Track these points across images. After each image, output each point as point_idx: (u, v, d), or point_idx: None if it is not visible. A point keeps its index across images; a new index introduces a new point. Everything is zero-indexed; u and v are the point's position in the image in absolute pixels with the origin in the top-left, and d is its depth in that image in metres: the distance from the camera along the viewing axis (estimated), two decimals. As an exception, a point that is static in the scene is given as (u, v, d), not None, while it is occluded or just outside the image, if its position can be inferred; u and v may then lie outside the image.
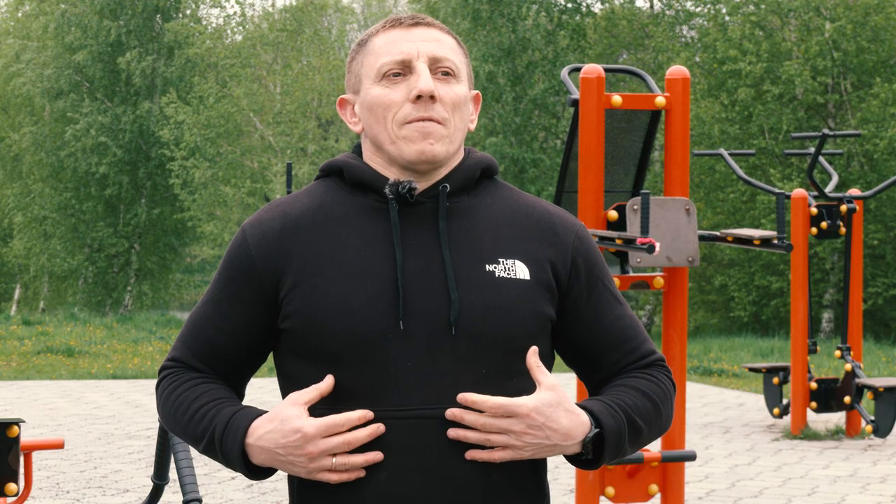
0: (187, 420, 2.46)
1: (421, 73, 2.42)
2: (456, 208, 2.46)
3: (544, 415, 2.35)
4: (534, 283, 2.44)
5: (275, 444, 2.36)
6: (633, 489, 6.34)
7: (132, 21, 35.34)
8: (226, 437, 2.41)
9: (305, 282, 2.41)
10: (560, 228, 2.51)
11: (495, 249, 2.44)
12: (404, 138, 2.42)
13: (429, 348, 2.37)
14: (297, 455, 2.35)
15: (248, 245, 2.46)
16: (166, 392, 2.51)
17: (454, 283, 2.39)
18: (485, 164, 2.52)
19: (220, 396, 2.47)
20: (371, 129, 2.47)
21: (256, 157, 32.80)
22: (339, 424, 2.34)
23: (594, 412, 2.41)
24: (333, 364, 2.39)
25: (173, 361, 2.53)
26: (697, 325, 29.64)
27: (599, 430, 2.40)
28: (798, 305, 10.99)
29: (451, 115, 2.44)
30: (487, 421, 2.34)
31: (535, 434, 2.35)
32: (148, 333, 20.78)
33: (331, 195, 2.49)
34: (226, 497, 8.57)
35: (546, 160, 29.55)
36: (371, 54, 2.47)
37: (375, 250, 2.41)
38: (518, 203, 2.52)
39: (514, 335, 2.41)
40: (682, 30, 32.22)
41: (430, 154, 2.42)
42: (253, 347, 2.49)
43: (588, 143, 6.34)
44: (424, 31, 2.47)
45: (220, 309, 2.48)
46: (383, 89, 2.44)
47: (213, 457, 2.47)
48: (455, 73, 2.46)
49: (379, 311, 2.38)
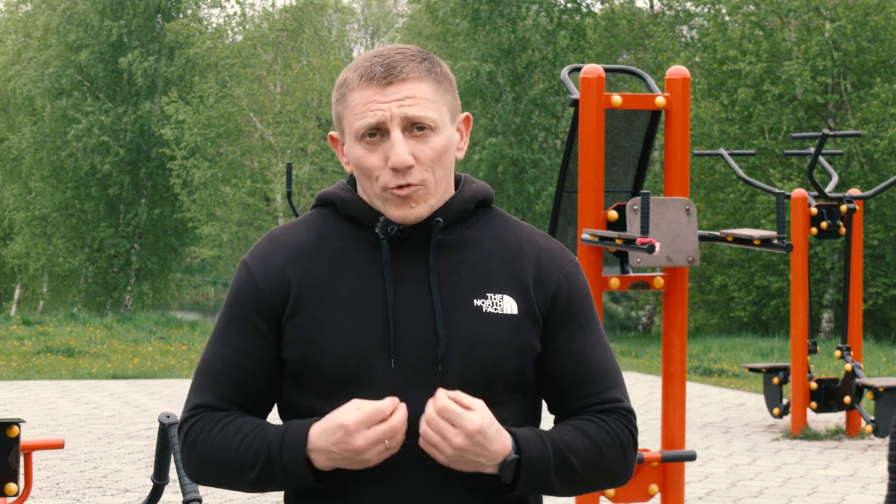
0: (233, 451, 2.44)
1: (395, 143, 2.43)
2: (448, 241, 2.49)
3: (485, 435, 2.36)
4: (521, 317, 2.47)
5: (328, 443, 2.38)
6: (633, 489, 6.34)
7: (133, 21, 35.37)
8: (285, 452, 2.40)
9: (305, 312, 2.45)
10: (546, 263, 2.52)
11: (484, 284, 2.47)
12: (387, 201, 2.45)
13: (417, 382, 2.42)
14: (348, 449, 2.37)
15: (255, 279, 2.49)
16: (199, 437, 2.47)
17: (441, 320, 2.43)
18: (479, 197, 2.54)
19: (261, 423, 2.47)
20: (359, 180, 2.50)
21: (256, 157, 32.80)
22: (381, 411, 2.36)
23: (518, 438, 2.42)
24: (328, 393, 2.44)
25: (196, 409, 2.50)
26: (697, 325, 29.64)
27: (517, 457, 2.40)
28: (798, 305, 10.99)
29: (430, 173, 2.45)
30: (434, 417, 2.36)
31: (469, 451, 2.37)
32: (148, 333, 20.77)
33: (328, 225, 2.52)
34: (226, 497, 8.57)
35: (546, 160, 29.54)
36: (349, 110, 2.48)
37: (370, 283, 2.45)
38: (511, 235, 2.53)
39: (500, 369, 2.44)
40: (682, 30, 32.23)
41: (413, 217, 2.45)
42: (273, 379, 2.51)
43: (588, 143, 6.34)
44: (398, 87, 2.45)
45: (238, 347, 2.49)
46: (363, 151, 2.46)
47: (266, 482, 2.44)
48: (433, 127, 2.46)
49: (370, 346, 2.42)
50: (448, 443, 2.36)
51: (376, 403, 2.36)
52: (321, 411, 2.43)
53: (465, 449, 2.36)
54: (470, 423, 2.35)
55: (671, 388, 6.46)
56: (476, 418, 2.35)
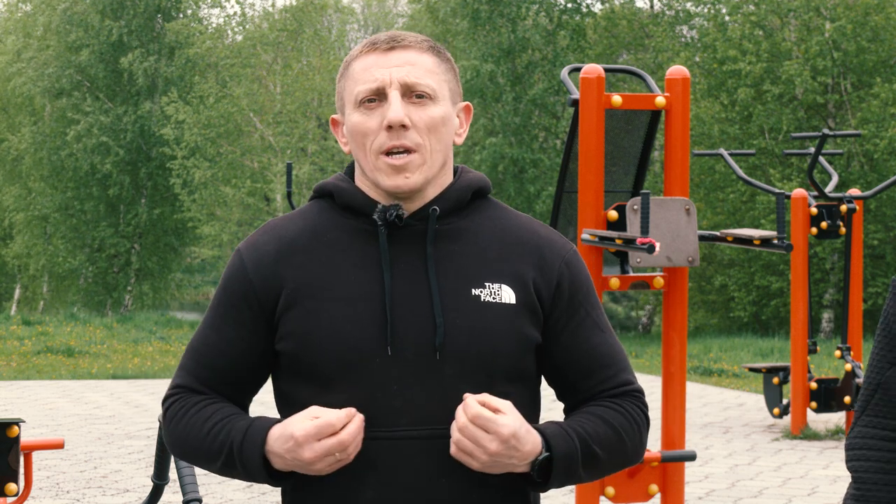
0: (201, 439, 2.48)
1: (392, 101, 2.44)
2: (445, 230, 2.49)
3: (518, 438, 2.37)
4: (519, 306, 2.46)
5: (281, 449, 2.41)
6: (633, 489, 6.34)
7: (133, 21, 35.37)
8: (244, 448, 2.43)
9: (300, 304, 2.45)
10: (547, 252, 2.52)
11: (482, 273, 2.47)
12: (380, 170, 2.45)
13: (415, 371, 2.42)
14: (297, 459, 2.39)
15: (246, 268, 2.50)
16: (175, 418, 2.52)
17: (440, 308, 2.42)
18: (476, 186, 2.54)
19: (231, 413, 2.49)
20: (355, 154, 2.50)
21: (256, 157, 32.80)
22: (330, 425, 2.37)
23: (546, 435, 2.42)
24: (325, 385, 2.44)
25: (177, 388, 2.54)
26: (697, 325, 29.64)
27: (549, 454, 2.41)
28: (798, 305, 10.99)
29: (426, 139, 2.45)
30: (467, 425, 2.36)
31: (503, 455, 2.37)
32: (148, 333, 20.77)
33: (324, 217, 2.52)
34: (226, 497, 8.57)
35: (546, 160, 29.54)
36: (350, 79, 2.50)
37: (366, 274, 2.45)
38: (508, 224, 2.53)
39: (498, 358, 2.44)
40: (682, 30, 32.22)
41: (406, 187, 2.45)
42: (255, 369, 2.53)
43: (588, 143, 6.34)
44: (400, 54, 2.47)
45: (222, 333, 2.51)
46: (361, 116, 2.47)
47: (230, 472, 2.48)
48: (431, 96, 2.46)
49: (368, 335, 2.42)
50: (483, 449, 2.36)
51: (329, 417, 2.37)
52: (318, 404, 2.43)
53: (499, 454, 2.36)
54: (505, 429, 2.35)
55: (671, 388, 6.46)
56: (510, 422, 2.36)
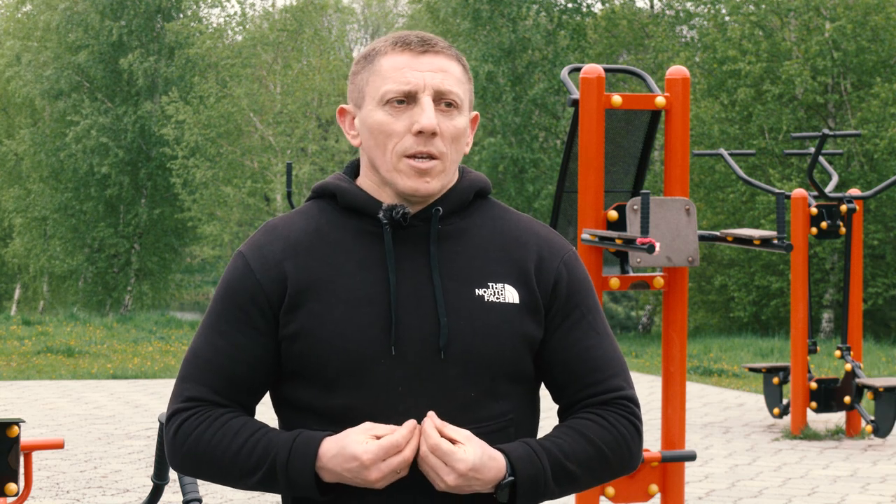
0: (233, 455, 2.42)
1: (425, 108, 2.41)
2: (448, 231, 2.47)
3: (477, 469, 2.36)
4: (522, 306, 2.46)
5: (340, 468, 2.37)
6: (633, 489, 6.33)
7: (133, 21, 35.36)
8: (292, 463, 2.38)
9: (303, 306, 2.43)
10: (546, 252, 2.51)
11: (485, 273, 2.46)
12: (401, 171, 2.43)
13: (419, 372, 2.40)
14: (362, 479, 2.37)
15: (252, 270, 2.46)
16: (194, 435, 2.45)
17: (444, 309, 2.41)
18: (478, 186, 2.53)
19: (259, 426, 2.45)
20: (370, 150, 2.47)
21: (257, 157, 32.80)
22: (396, 445, 2.35)
23: (511, 459, 2.40)
24: (329, 387, 2.42)
25: (190, 401, 2.47)
26: (697, 325, 29.63)
27: (512, 479, 2.39)
28: (798, 305, 10.98)
29: (449, 148, 2.44)
30: (427, 455, 2.37)
31: (462, 486, 2.37)
32: (148, 333, 20.77)
33: (325, 217, 2.50)
34: (226, 497, 8.57)
35: (546, 160, 29.53)
36: (377, 75, 2.45)
37: (370, 275, 2.43)
38: (509, 225, 2.52)
39: (502, 359, 2.43)
40: (682, 30, 32.21)
41: (425, 192, 2.43)
42: (270, 372, 2.49)
43: (588, 143, 6.34)
44: (432, 59, 2.45)
45: (233, 339, 2.46)
46: (386, 116, 2.43)
47: (266, 487, 2.43)
48: (458, 105, 2.45)
49: (372, 337, 2.41)
50: (441, 480, 2.36)
51: (393, 437, 2.35)
52: (320, 406, 2.42)
53: (458, 486, 2.36)
54: (461, 464, 2.34)
55: (671, 388, 6.46)
56: (468, 457, 2.35)
